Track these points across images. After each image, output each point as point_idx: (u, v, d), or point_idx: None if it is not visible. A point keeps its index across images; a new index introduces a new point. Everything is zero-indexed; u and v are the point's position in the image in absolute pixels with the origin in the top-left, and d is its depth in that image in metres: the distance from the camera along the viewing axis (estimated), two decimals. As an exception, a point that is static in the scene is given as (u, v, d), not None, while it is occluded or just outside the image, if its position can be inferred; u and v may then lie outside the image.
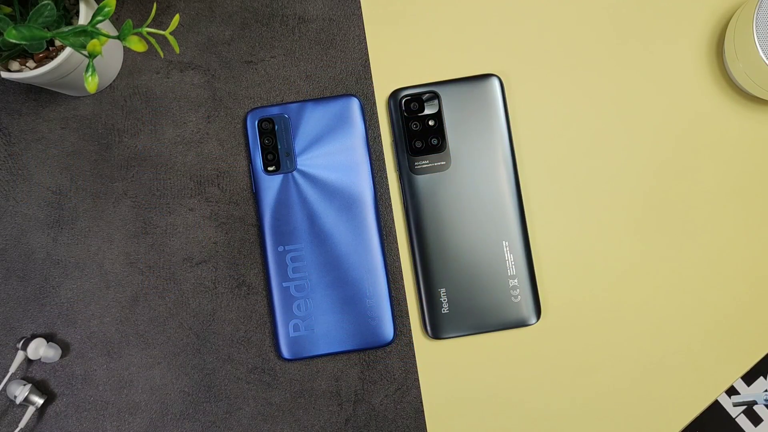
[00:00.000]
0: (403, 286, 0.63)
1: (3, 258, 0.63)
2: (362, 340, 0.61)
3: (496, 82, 0.62)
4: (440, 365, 0.62)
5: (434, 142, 0.62)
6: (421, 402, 0.62)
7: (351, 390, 0.62)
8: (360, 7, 0.64)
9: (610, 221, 0.63)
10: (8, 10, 0.53)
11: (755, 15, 0.56)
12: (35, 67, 0.55)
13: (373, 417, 0.62)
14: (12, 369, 0.60)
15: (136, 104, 0.63)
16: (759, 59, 0.56)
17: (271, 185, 0.62)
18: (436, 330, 0.61)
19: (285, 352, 0.61)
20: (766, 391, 0.63)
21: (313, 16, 0.64)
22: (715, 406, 0.62)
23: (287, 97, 0.63)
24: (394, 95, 0.63)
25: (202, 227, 0.63)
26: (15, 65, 0.56)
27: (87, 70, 0.50)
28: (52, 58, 0.55)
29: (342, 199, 0.62)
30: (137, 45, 0.51)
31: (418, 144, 0.62)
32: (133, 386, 0.62)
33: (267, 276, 0.62)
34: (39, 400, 0.61)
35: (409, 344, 0.62)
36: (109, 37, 0.51)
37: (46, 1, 0.50)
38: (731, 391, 0.62)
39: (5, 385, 0.62)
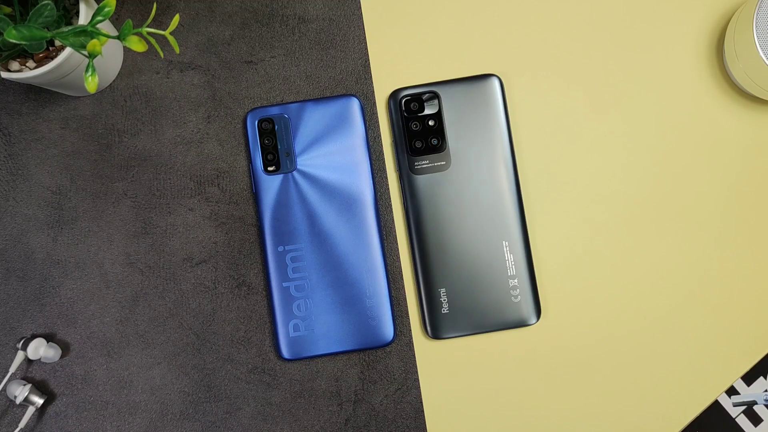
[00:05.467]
0: (403, 286, 0.63)
1: (3, 258, 0.63)
2: (362, 340, 0.61)
3: (496, 82, 0.62)
4: (440, 365, 0.62)
5: (434, 142, 0.62)
6: (421, 402, 0.62)
7: (351, 390, 0.62)
8: (360, 7, 0.64)
9: (610, 221, 0.63)
10: (8, 10, 0.53)
11: (755, 15, 0.56)
12: (35, 67, 0.55)
13: (373, 417, 0.62)
14: (12, 369, 0.60)
15: (136, 104, 0.63)
16: (759, 59, 0.56)
17: (271, 185, 0.62)
18: (436, 330, 0.61)
19: (285, 352, 0.61)
20: (766, 391, 0.63)
21: (313, 16, 0.64)
22: (715, 406, 0.62)
23: (287, 97, 0.63)
24: (394, 95, 0.63)
25: (202, 227, 0.63)
26: (15, 65, 0.56)
27: (87, 70, 0.50)
28: (52, 58, 0.55)
29: (342, 199, 0.62)
30: (137, 45, 0.51)
31: (418, 144, 0.62)
32: (133, 386, 0.62)
33: (267, 276, 0.62)
34: (39, 400, 0.61)
35: (409, 344, 0.62)
36: (109, 37, 0.51)
37: (46, 1, 0.50)
38: (731, 391, 0.63)
39: (5, 385, 0.62)
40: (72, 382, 0.62)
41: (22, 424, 0.60)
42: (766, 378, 0.62)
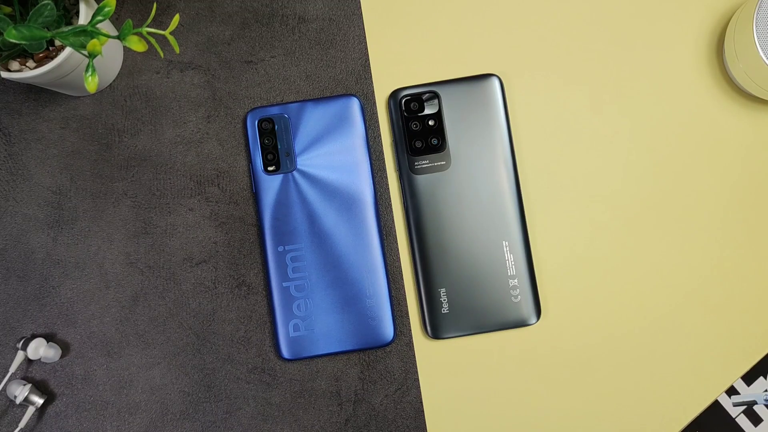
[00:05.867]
0: (403, 286, 0.63)
1: (3, 258, 0.63)
2: (362, 340, 0.61)
3: (496, 82, 0.62)
4: (440, 365, 0.62)
5: (434, 142, 0.62)
6: (421, 402, 0.62)
7: (351, 390, 0.62)
8: (360, 7, 0.64)
9: (610, 221, 0.63)
10: (8, 10, 0.53)
11: (755, 15, 0.56)
12: (35, 67, 0.55)
13: (373, 417, 0.62)
14: (12, 369, 0.60)
15: (136, 104, 0.63)
16: (759, 59, 0.56)
17: (271, 185, 0.62)
18: (436, 330, 0.61)
19: (285, 352, 0.61)
20: (766, 391, 0.63)
21: (313, 16, 0.64)
22: (715, 406, 0.62)
23: (287, 97, 0.63)
24: (394, 95, 0.63)
25: (202, 227, 0.63)
26: (15, 65, 0.56)
27: (87, 70, 0.50)
28: (52, 58, 0.55)
29: (342, 199, 0.62)
30: (137, 45, 0.51)
31: (418, 144, 0.62)
32: (133, 386, 0.62)
33: (267, 276, 0.62)
34: (39, 400, 0.61)
35: (409, 344, 0.62)
36: (109, 37, 0.51)
37: (46, 1, 0.50)
38: (731, 391, 0.63)
39: (5, 385, 0.62)
40: (72, 382, 0.62)
41: (22, 424, 0.60)
42: (766, 378, 0.62)
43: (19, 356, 0.61)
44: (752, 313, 0.62)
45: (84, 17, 0.54)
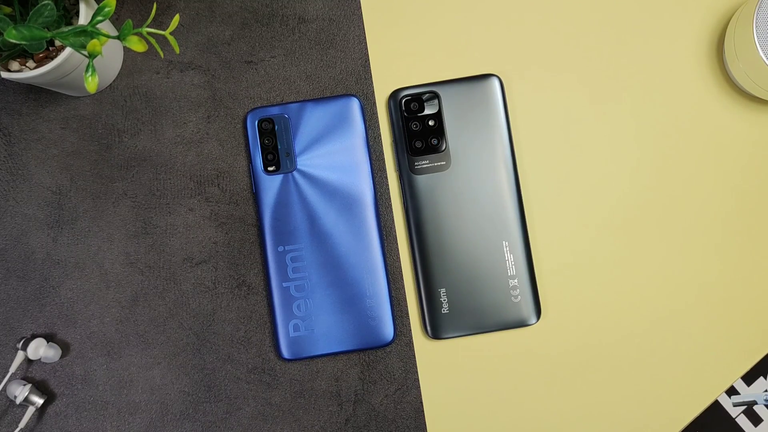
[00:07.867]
0: (403, 286, 0.63)
1: (3, 258, 0.63)
2: (362, 340, 0.61)
3: (496, 82, 0.62)
4: (440, 365, 0.62)
5: (434, 142, 0.62)
6: (421, 402, 0.62)
7: (351, 390, 0.62)
8: (360, 7, 0.64)
9: (609, 221, 0.63)
10: (8, 10, 0.53)
11: (755, 15, 0.56)
12: (35, 67, 0.55)
13: (373, 417, 0.62)
14: (12, 369, 0.60)
15: (136, 104, 0.63)
16: (759, 59, 0.56)
17: (271, 185, 0.62)
18: (436, 330, 0.61)
19: (285, 352, 0.61)
20: (766, 391, 0.63)
21: (313, 16, 0.64)
22: (715, 406, 0.62)
23: (287, 97, 0.63)
24: (394, 95, 0.63)
25: (202, 227, 0.63)
26: (15, 65, 0.56)
27: (87, 70, 0.50)
28: (52, 58, 0.55)
29: (342, 199, 0.62)
30: (137, 45, 0.51)
31: (418, 144, 0.62)
32: (133, 386, 0.62)
33: (267, 276, 0.62)
34: (39, 400, 0.61)
35: (409, 344, 0.62)
36: (109, 37, 0.51)
37: (46, 1, 0.50)
38: (731, 391, 0.63)
39: (5, 385, 0.62)
40: (72, 382, 0.62)
41: (22, 424, 0.60)
42: (766, 378, 0.62)
43: (19, 356, 0.61)
44: (752, 313, 0.62)
45: (84, 17, 0.54)
